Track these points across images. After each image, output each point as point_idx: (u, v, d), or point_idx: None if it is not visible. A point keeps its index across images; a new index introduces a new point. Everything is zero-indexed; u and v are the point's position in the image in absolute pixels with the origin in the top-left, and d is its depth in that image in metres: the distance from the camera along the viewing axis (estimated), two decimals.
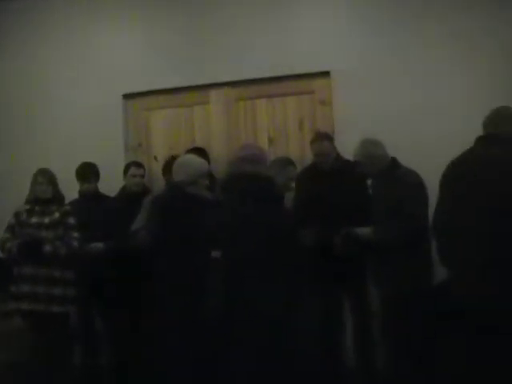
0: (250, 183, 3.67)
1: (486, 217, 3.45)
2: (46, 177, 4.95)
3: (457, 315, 3.57)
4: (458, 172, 3.73)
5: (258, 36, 5.87)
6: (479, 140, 3.73)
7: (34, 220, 4.85)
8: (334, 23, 5.73)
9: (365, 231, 4.42)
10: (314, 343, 4.51)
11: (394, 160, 4.52)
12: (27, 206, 4.93)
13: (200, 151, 5.24)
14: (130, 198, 5.31)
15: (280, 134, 5.85)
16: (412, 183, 4.38)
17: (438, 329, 4.03)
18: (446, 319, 3.75)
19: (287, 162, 5.06)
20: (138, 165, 5.53)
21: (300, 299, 3.83)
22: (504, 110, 3.75)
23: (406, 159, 4.58)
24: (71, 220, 4.92)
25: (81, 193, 5.48)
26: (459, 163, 3.75)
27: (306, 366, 3.94)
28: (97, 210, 5.26)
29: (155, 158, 6.12)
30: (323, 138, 4.89)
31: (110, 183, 5.60)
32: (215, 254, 3.75)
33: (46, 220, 4.84)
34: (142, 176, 5.51)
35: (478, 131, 3.74)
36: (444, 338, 3.92)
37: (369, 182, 4.74)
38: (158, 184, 5.68)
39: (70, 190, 5.38)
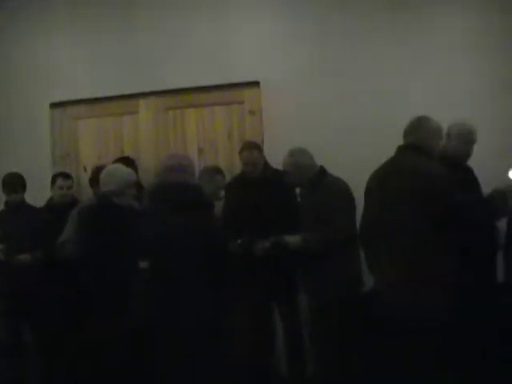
0: (177, 192, 3.67)
1: (406, 224, 3.54)
2: None
3: (385, 321, 3.64)
4: (380, 181, 3.82)
5: (188, 46, 5.87)
6: (399, 149, 3.82)
7: None
8: (263, 34, 5.77)
9: (293, 239, 4.43)
10: (244, 351, 4.54)
11: (321, 169, 4.57)
12: None
13: (128, 161, 5.21)
14: (58, 210, 5.23)
15: (209, 143, 5.86)
16: (339, 191, 4.44)
17: (368, 335, 4.08)
18: (375, 325, 3.80)
19: (216, 171, 5.08)
20: (66, 176, 5.44)
21: (230, 307, 3.84)
22: (424, 120, 3.85)
23: (335, 167, 4.64)
24: None
25: (7, 203, 5.35)
26: (381, 172, 3.85)
27: (236, 373, 3.96)
28: (23, 221, 5.16)
29: (84, 168, 6.05)
30: (252, 147, 4.91)
31: (38, 193, 5.49)
32: (143, 264, 3.73)
33: None
34: (70, 187, 5.42)
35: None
36: (374, 343, 3.97)
37: (297, 190, 4.79)
38: (88, 194, 5.59)
39: None
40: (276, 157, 4.80)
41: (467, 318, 3.72)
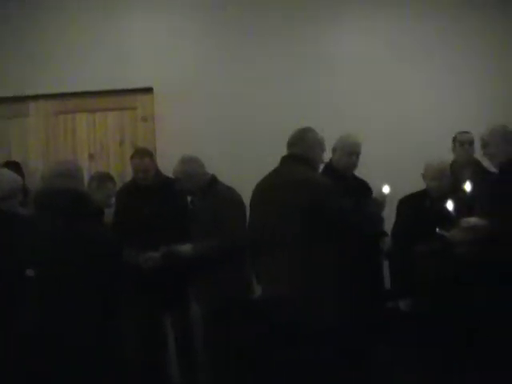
0: (63, 199, 3.58)
1: (291, 234, 3.59)
2: None
3: (274, 329, 3.68)
4: (265, 191, 3.88)
5: (82, 49, 5.79)
6: (284, 160, 3.90)
7: None
8: (158, 39, 5.77)
9: (185, 248, 4.43)
10: (136, 359, 4.48)
11: (213, 177, 4.59)
12: None
13: (14, 165, 5.06)
14: None
15: (100, 149, 5.80)
16: (230, 200, 4.48)
17: (258, 342, 4.10)
18: (265, 333, 3.83)
19: (106, 178, 4.99)
20: None
21: (119, 316, 3.78)
22: (307, 131, 3.96)
23: (227, 176, 4.69)
24: None
25: None
26: (266, 183, 3.92)
27: (128, 380, 3.90)
28: None
29: None
30: (143, 154, 4.87)
31: None
32: (29, 272, 3.62)
33: None
34: None
35: None
36: (264, 350, 4.00)
37: (189, 198, 4.78)
38: None
39: None
40: (168, 164, 4.79)
41: (354, 325, 3.82)
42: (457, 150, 4.94)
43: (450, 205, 3.27)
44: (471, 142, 4.80)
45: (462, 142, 4.90)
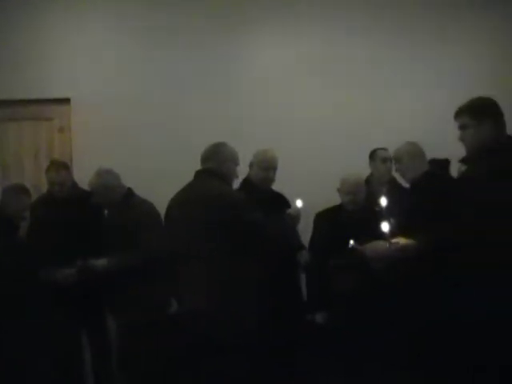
0: None
1: (206, 248, 3.61)
2: None
3: (192, 343, 3.68)
4: (179, 205, 3.89)
5: None
6: (198, 174, 3.92)
7: None
8: (77, 50, 5.71)
9: (100, 262, 4.38)
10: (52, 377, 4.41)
11: (129, 190, 4.58)
12: None
13: None
14: None
15: (15, 160, 5.69)
16: (147, 213, 4.47)
17: (176, 356, 4.10)
18: (183, 347, 3.83)
19: (21, 190, 4.89)
20: None
21: (34, 331, 3.73)
22: (221, 146, 4.01)
23: (145, 188, 4.70)
24: None
25: None
26: (180, 197, 3.93)
27: None
28: None
29: None
30: (59, 167, 4.81)
31: None
32: None
33: None
34: None
35: None
36: (182, 365, 3.99)
37: (105, 211, 4.73)
38: None
39: None
40: (84, 176, 4.73)
41: (271, 337, 3.86)
42: (378, 166, 5.03)
43: (385, 226, 3.29)
44: (391, 159, 4.91)
45: (384, 159, 4.98)
